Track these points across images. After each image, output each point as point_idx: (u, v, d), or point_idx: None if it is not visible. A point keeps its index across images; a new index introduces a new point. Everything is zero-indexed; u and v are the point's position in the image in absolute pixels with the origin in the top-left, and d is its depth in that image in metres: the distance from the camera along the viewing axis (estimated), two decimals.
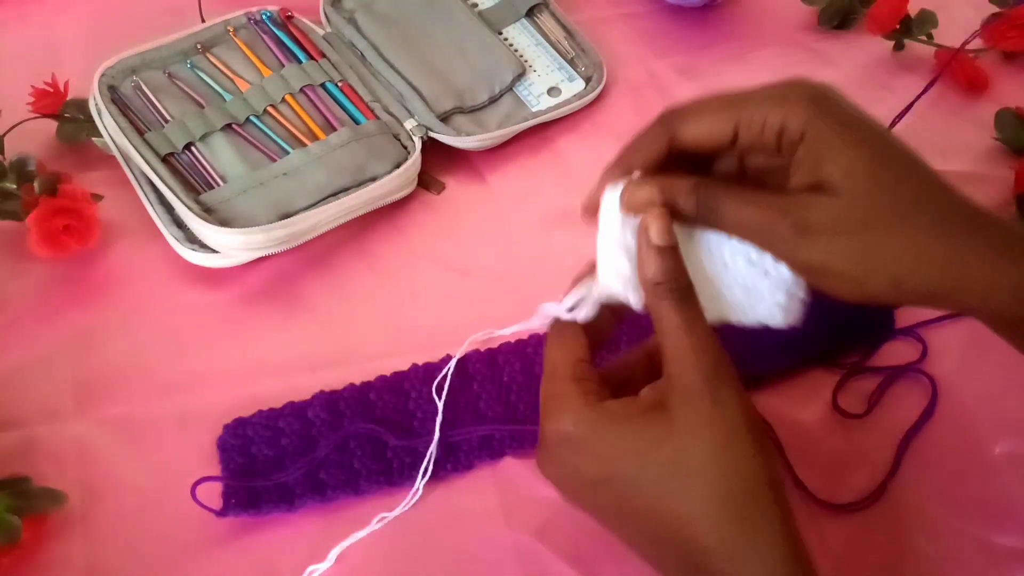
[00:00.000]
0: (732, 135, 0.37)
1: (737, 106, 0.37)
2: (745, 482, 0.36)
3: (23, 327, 0.54)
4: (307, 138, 0.60)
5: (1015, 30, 0.67)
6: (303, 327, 0.55)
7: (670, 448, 0.36)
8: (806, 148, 0.36)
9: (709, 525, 0.36)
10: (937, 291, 0.35)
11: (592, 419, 0.38)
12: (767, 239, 0.36)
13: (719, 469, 0.36)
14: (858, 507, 0.49)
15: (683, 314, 0.37)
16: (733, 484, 0.36)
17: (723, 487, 0.36)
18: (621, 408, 0.38)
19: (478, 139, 0.62)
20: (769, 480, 0.36)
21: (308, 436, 0.49)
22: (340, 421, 0.50)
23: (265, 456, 0.49)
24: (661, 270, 0.37)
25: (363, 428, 0.49)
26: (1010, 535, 0.48)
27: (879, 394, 0.53)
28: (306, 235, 0.55)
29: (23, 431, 0.50)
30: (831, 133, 0.35)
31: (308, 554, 0.46)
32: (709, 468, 0.36)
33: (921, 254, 0.34)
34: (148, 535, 0.47)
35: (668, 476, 0.36)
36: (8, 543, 0.44)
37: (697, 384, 0.36)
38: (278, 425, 0.49)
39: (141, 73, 0.61)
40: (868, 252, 0.35)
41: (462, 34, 0.67)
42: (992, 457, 0.51)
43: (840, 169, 0.35)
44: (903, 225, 0.35)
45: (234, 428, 0.49)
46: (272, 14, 0.65)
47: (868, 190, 0.35)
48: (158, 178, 0.55)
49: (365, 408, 0.50)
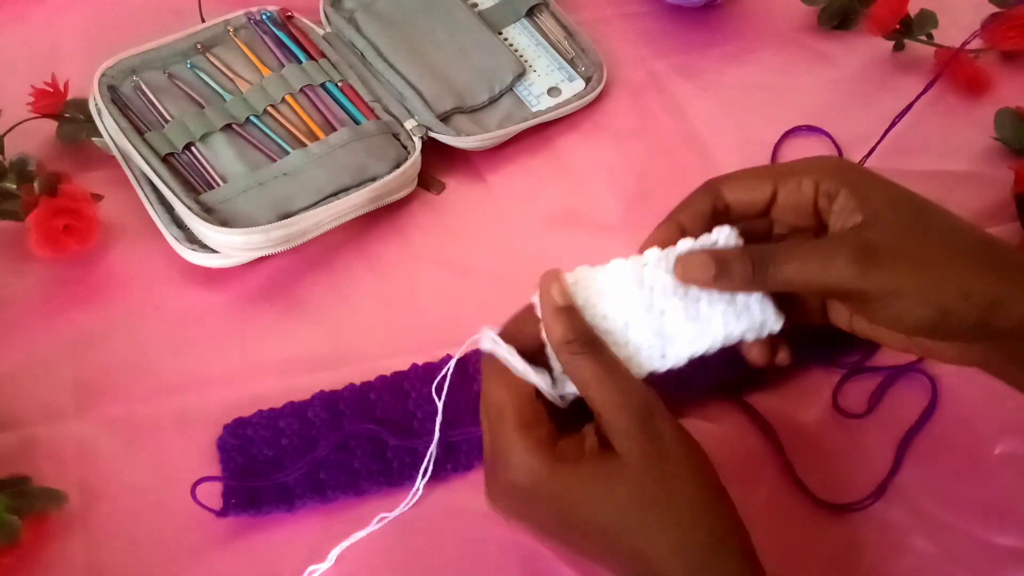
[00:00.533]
0: (770, 196, 0.40)
1: (774, 171, 0.41)
2: (696, 509, 0.37)
3: (23, 327, 0.54)
4: (307, 138, 0.59)
5: (1015, 30, 0.67)
6: (303, 327, 0.55)
7: (626, 487, 0.37)
8: (846, 195, 0.38)
9: (671, 556, 0.37)
10: (999, 300, 0.36)
11: (547, 471, 0.37)
12: (832, 276, 0.37)
13: (671, 500, 0.37)
14: (858, 507, 0.49)
15: (600, 364, 0.38)
16: (687, 515, 0.37)
17: (679, 517, 0.37)
18: (573, 451, 0.38)
19: (478, 139, 0.62)
20: (718, 499, 0.38)
21: (308, 436, 0.49)
22: (340, 421, 0.50)
23: (265, 456, 0.49)
24: (571, 328, 0.38)
25: (363, 428, 0.49)
26: (1010, 535, 0.48)
27: (879, 394, 0.53)
28: (306, 235, 0.55)
29: (23, 431, 0.50)
30: (868, 180, 0.39)
31: (308, 554, 0.46)
32: (661, 501, 0.37)
33: (977, 269, 0.37)
34: (148, 535, 0.47)
35: (627, 514, 0.37)
36: (8, 543, 0.44)
37: (631, 425, 0.37)
38: (278, 425, 0.49)
39: (141, 73, 0.61)
40: (932, 268, 0.36)
41: (462, 34, 0.67)
42: (992, 457, 0.51)
43: (883, 204, 0.38)
44: (953, 248, 0.37)
45: (234, 428, 0.49)
46: (272, 14, 0.65)
47: (914, 223, 0.37)
48: (158, 178, 0.55)
49: (365, 408, 0.50)
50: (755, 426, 0.52)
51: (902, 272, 0.36)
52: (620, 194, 0.62)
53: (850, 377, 0.53)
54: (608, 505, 0.37)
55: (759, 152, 0.63)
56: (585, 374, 0.38)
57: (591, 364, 0.38)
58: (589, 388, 0.38)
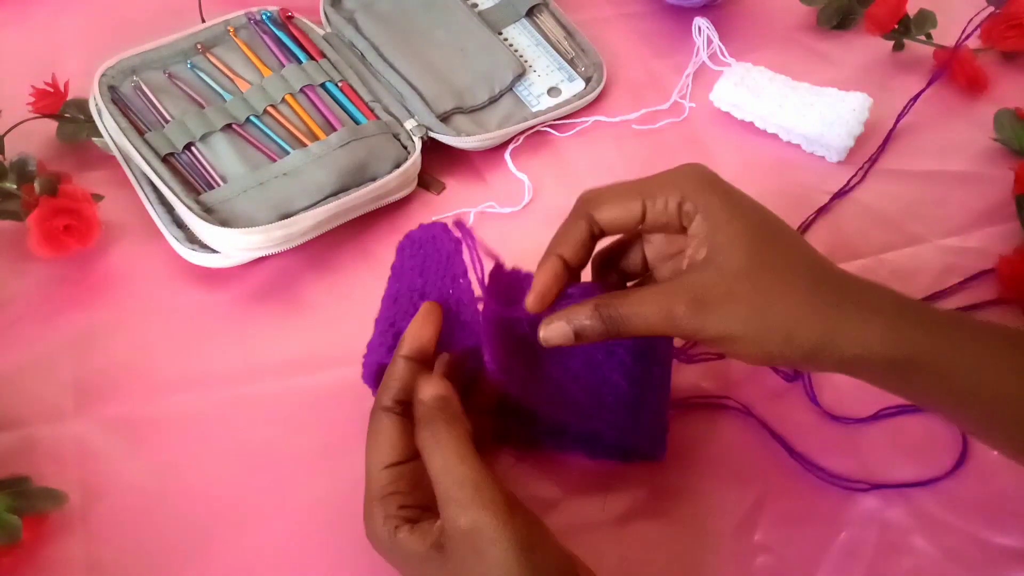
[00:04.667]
0: (640, 215, 0.41)
1: (642, 189, 0.42)
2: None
3: (23, 327, 0.54)
4: (307, 138, 0.60)
5: (1014, 30, 0.67)
6: (303, 327, 0.55)
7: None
8: (700, 220, 0.40)
9: None
10: (820, 343, 0.38)
11: (390, 545, 0.40)
12: (672, 325, 0.39)
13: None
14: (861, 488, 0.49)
15: (453, 444, 0.38)
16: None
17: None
18: (414, 542, 0.39)
19: (478, 139, 0.62)
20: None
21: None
22: None
23: None
24: (438, 404, 0.40)
25: None
26: (1010, 535, 0.48)
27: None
28: (306, 235, 0.56)
29: (23, 431, 0.50)
30: (719, 205, 0.40)
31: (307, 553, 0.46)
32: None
33: (804, 311, 0.38)
34: (148, 535, 0.47)
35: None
36: (8, 543, 0.44)
37: (465, 526, 0.37)
38: None
39: (141, 73, 0.61)
40: (759, 314, 0.38)
41: (462, 34, 0.67)
42: (992, 457, 0.51)
43: (727, 238, 0.39)
44: (783, 288, 0.39)
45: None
46: (272, 14, 0.65)
47: (752, 258, 0.39)
48: (158, 178, 0.55)
49: None
50: (755, 426, 0.52)
51: (732, 320, 0.38)
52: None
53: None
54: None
55: (760, 151, 0.63)
56: (432, 451, 0.38)
57: (441, 442, 0.38)
58: (432, 464, 0.38)
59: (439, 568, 0.38)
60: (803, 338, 0.38)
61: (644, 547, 0.48)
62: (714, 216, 0.40)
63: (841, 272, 0.41)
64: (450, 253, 0.44)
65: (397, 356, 0.42)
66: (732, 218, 0.40)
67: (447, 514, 0.37)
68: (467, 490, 0.37)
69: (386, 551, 0.40)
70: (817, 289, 0.39)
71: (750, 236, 0.40)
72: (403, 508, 0.40)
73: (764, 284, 0.39)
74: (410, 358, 0.42)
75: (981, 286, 0.57)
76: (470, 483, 0.37)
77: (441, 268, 0.44)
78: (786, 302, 0.39)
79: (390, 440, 0.41)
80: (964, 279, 0.57)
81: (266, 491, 0.49)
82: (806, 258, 0.41)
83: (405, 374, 0.41)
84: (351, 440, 0.50)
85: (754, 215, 0.41)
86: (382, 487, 0.40)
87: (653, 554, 0.48)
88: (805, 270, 0.40)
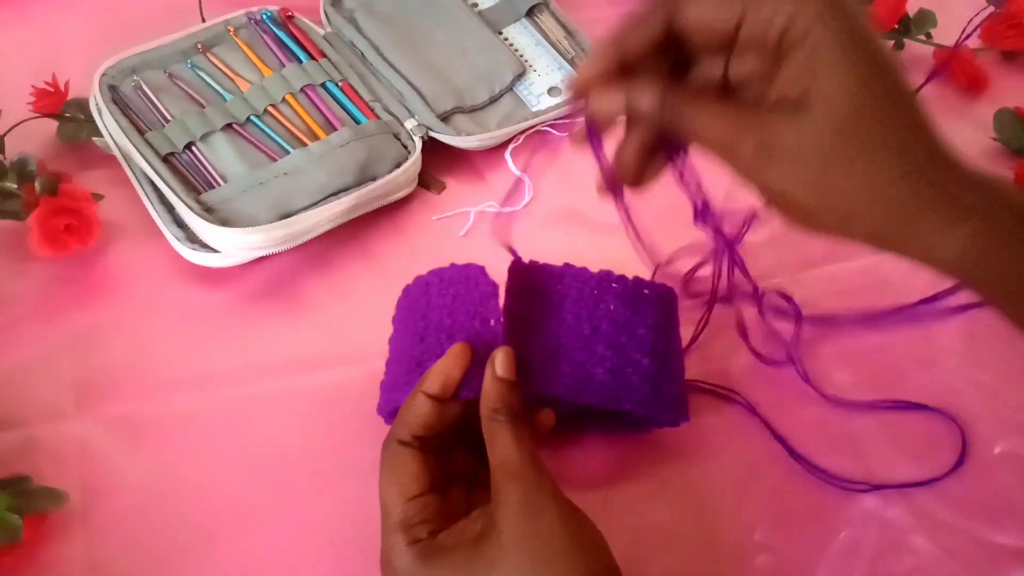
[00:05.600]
0: (735, 26, 0.34)
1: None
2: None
3: (24, 326, 0.54)
4: (307, 138, 0.60)
5: (1014, 29, 0.67)
6: (303, 326, 0.55)
7: (504, 567, 0.37)
8: (804, 54, 0.33)
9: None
10: (882, 234, 0.34)
11: (421, 569, 0.39)
12: (729, 156, 0.34)
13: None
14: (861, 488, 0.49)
15: (514, 435, 0.40)
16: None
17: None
18: (453, 539, 0.39)
19: (478, 139, 0.62)
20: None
21: None
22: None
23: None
24: (501, 399, 0.41)
25: None
26: (1010, 535, 0.48)
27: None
28: (306, 235, 0.56)
29: (24, 430, 0.50)
30: (834, 44, 0.32)
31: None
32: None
33: (877, 200, 0.33)
34: (148, 534, 0.47)
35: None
36: (9, 542, 0.44)
37: (523, 498, 0.38)
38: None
39: (142, 73, 0.61)
40: (825, 185, 0.33)
41: (462, 34, 0.67)
42: (992, 457, 0.51)
43: (830, 87, 0.33)
44: (865, 162, 0.33)
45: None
46: (272, 14, 0.65)
47: (848, 122, 0.33)
48: (159, 178, 0.55)
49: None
50: (758, 425, 0.52)
51: (794, 182, 0.33)
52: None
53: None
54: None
55: None
56: (498, 441, 0.40)
57: (506, 433, 0.40)
58: (496, 453, 0.40)
59: (494, 548, 0.38)
60: (864, 225, 0.34)
61: (644, 545, 0.48)
62: (824, 57, 0.32)
63: (949, 160, 0.34)
64: (485, 296, 0.45)
65: (419, 391, 0.42)
66: (844, 66, 0.32)
67: (508, 488, 0.39)
68: (529, 469, 0.39)
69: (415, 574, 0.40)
70: (907, 180, 0.33)
71: (857, 96, 0.32)
72: (432, 533, 0.40)
73: (848, 155, 0.32)
74: (433, 397, 0.42)
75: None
76: (532, 462, 0.39)
77: (472, 309, 0.45)
78: (863, 184, 0.33)
79: (412, 472, 0.41)
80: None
81: (267, 490, 0.49)
82: (911, 138, 0.33)
83: (427, 411, 0.42)
84: (352, 439, 0.50)
85: (872, 66, 0.33)
86: (408, 517, 0.40)
87: (653, 552, 0.48)
88: (903, 153, 0.33)
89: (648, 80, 0.36)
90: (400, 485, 0.41)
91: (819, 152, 0.33)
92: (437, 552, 0.39)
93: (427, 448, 0.42)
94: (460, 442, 0.45)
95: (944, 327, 0.55)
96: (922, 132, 0.34)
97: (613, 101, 0.36)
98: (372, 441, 0.50)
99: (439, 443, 0.43)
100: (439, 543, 0.39)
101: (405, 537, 0.40)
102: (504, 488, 0.39)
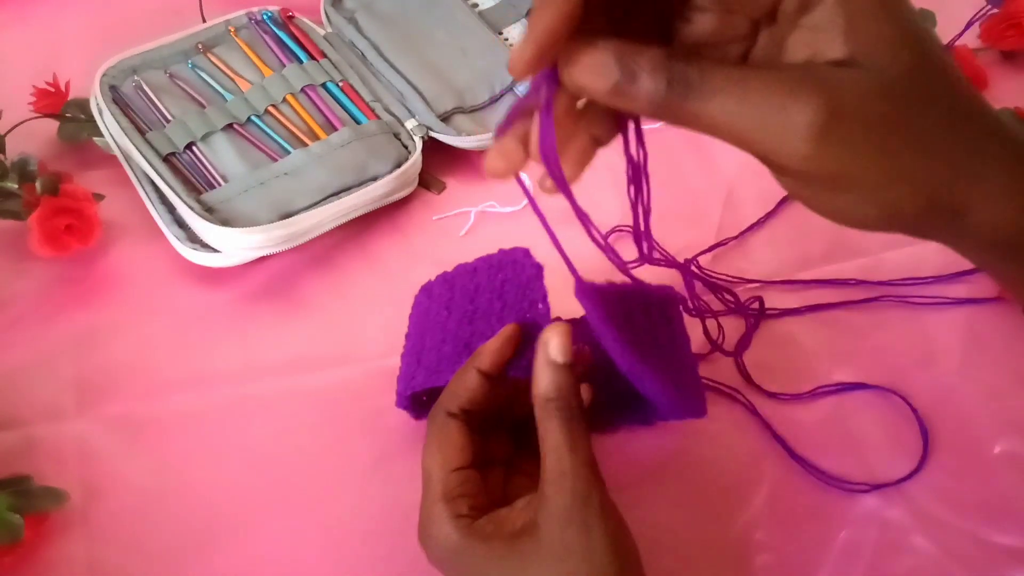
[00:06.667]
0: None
1: None
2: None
3: (25, 326, 0.54)
4: (308, 138, 0.60)
5: (1013, 29, 0.67)
6: (304, 326, 0.55)
7: (536, 572, 0.36)
8: (837, 5, 0.27)
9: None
10: (937, 207, 0.28)
11: (461, 544, 0.38)
12: (774, 134, 0.26)
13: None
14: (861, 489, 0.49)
15: (569, 434, 0.37)
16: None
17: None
18: (492, 528, 0.38)
19: (479, 139, 0.62)
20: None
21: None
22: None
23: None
24: (554, 387, 0.37)
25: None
26: (1010, 535, 0.48)
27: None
28: (307, 235, 0.56)
29: (24, 430, 0.50)
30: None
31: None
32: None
33: (941, 159, 0.28)
34: (149, 534, 0.47)
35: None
36: (9, 542, 0.44)
37: (569, 508, 0.36)
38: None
39: (142, 73, 0.61)
40: (893, 151, 0.27)
41: (463, 34, 0.67)
42: (992, 457, 0.51)
43: (878, 41, 0.27)
44: (924, 124, 0.27)
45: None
46: (273, 14, 0.65)
47: (903, 78, 0.27)
48: (159, 178, 0.55)
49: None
50: (758, 425, 0.52)
51: (857, 152, 0.27)
52: (620, 194, 0.61)
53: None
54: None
55: None
56: (550, 440, 0.37)
57: (560, 433, 0.37)
58: (549, 455, 0.37)
59: (531, 550, 0.37)
60: (919, 202, 0.28)
61: (644, 545, 0.48)
62: (865, 7, 0.27)
63: (998, 122, 0.29)
64: (531, 279, 0.45)
65: (471, 367, 0.42)
66: (884, 15, 0.27)
67: (556, 492, 0.37)
68: (581, 480, 0.37)
69: (450, 552, 0.38)
70: (967, 144, 0.28)
71: (903, 45, 0.27)
72: (473, 509, 0.39)
73: (911, 113, 0.27)
74: (484, 373, 0.41)
75: (981, 284, 0.57)
76: (585, 470, 0.37)
77: (520, 292, 0.45)
78: (925, 143, 0.27)
79: (458, 445, 0.40)
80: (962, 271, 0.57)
81: (267, 490, 0.49)
82: (957, 87, 0.29)
83: (477, 386, 0.41)
84: (352, 439, 0.50)
85: (906, 18, 0.28)
86: (451, 489, 0.39)
87: (653, 552, 0.47)
88: (952, 103, 0.28)
89: (645, 47, 0.27)
90: (444, 456, 0.40)
91: (881, 112, 0.27)
92: (475, 535, 0.38)
93: (472, 424, 0.41)
94: (501, 426, 0.44)
95: (944, 327, 0.55)
96: (962, 83, 0.29)
97: (601, 72, 0.27)
98: (372, 441, 0.51)
99: (484, 423, 0.42)
100: (478, 528, 0.38)
101: (448, 509, 0.39)
102: (551, 491, 0.37)
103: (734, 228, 0.60)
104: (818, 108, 0.26)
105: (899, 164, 0.27)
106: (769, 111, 0.26)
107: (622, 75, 0.27)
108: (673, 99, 0.27)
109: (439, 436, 0.41)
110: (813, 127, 0.26)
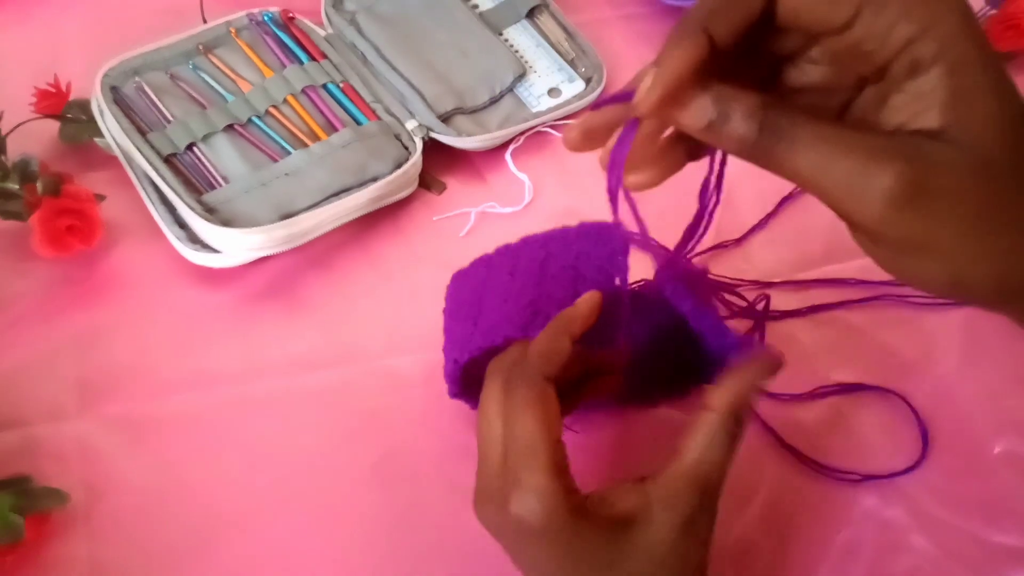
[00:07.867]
0: (846, 20, 0.28)
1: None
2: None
3: (26, 327, 0.54)
4: (309, 138, 0.60)
5: (1012, 30, 0.67)
6: (304, 326, 0.55)
7: (634, 567, 0.36)
8: (943, 78, 0.27)
9: None
10: (1015, 288, 0.29)
11: (568, 521, 0.35)
12: (856, 194, 0.27)
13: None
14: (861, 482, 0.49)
15: (729, 453, 0.37)
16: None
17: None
18: (594, 508, 0.37)
19: (479, 140, 0.62)
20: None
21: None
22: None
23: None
24: (745, 407, 0.37)
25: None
26: (1010, 534, 0.48)
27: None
28: (307, 235, 0.56)
29: (25, 430, 0.50)
30: (980, 67, 0.27)
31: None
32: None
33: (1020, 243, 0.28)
34: (150, 534, 0.47)
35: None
36: (11, 542, 0.44)
37: (691, 511, 0.36)
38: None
39: (143, 74, 0.61)
40: (981, 234, 0.27)
41: (463, 35, 0.67)
42: (992, 457, 0.51)
43: (979, 116, 0.27)
44: (1018, 211, 0.27)
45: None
46: (274, 15, 0.65)
47: (1003, 155, 0.27)
48: (160, 178, 0.55)
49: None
50: (758, 425, 0.52)
51: (941, 226, 0.27)
52: (639, 200, 0.62)
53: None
54: (613, 573, 0.36)
55: None
56: (712, 447, 0.36)
57: (724, 445, 0.36)
58: (699, 455, 0.36)
59: (637, 542, 0.36)
60: (1006, 274, 0.28)
61: None
62: (967, 78, 0.27)
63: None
64: (615, 252, 0.43)
65: (564, 334, 0.38)
66: (990, 89, 0.27)
67: (687, 492, 0.36)
68: (715, 486, 0.37)
69: (550, 529, 0.35)
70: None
71: (1011, 127, 0.27)
72: (572, 483, 0.37)
73: (1008, 195, 0.27)
74: (576, 341, 0.39)
75: None
76: (722, 478, 0.37)
77: (600, 264, 0.44)
78: (1019, 226, 0.27)
79: (556, 412, 0.37)
80: None
81: (269, 490, 0.49)
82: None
83: (567, 352, 0.38)
84: (352, 439, 0.51)
85: (1017, 100, 0.28)
86: (559, 460, 0.36)
87: None
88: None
89: (743, 91, 0.28)
90: (548, 423, 0.36)
91: (972, 189, 0.27)
92: (584, 515, 0.36)
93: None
94: None
95: (944, 327, 0.56)
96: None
97: (700, 107, 0.28)
98: (372, 441, 0.51)
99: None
100: (583, 510, 0.36)
101: (560, 483, 0.35)
102: (682, 489, 0.36)
103: (734, 229, 0.60)
104: (899, 175, 0.26)
105: (986, 243, 0.28)
106: (852, 171, 0.27)
107: (717, 115, 0.28)
108: (762, 145, 0.28)
109: (541, 402, 0.36)
110: (892, 192, 0.27)
